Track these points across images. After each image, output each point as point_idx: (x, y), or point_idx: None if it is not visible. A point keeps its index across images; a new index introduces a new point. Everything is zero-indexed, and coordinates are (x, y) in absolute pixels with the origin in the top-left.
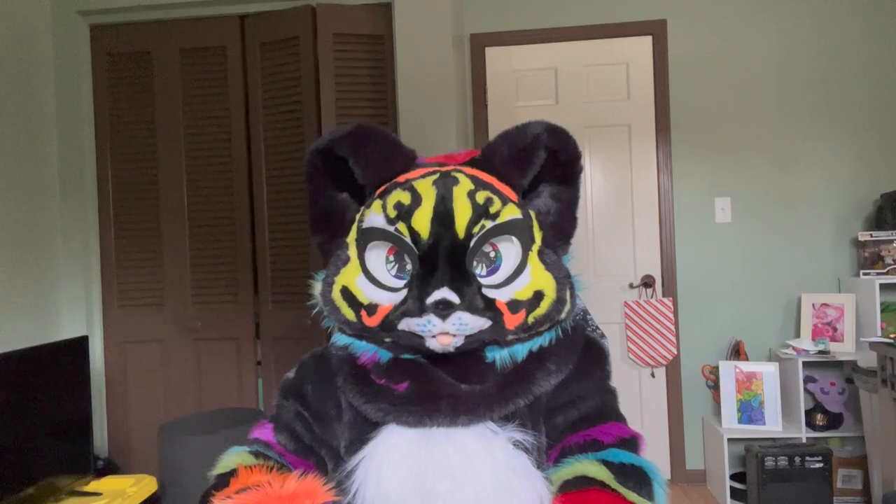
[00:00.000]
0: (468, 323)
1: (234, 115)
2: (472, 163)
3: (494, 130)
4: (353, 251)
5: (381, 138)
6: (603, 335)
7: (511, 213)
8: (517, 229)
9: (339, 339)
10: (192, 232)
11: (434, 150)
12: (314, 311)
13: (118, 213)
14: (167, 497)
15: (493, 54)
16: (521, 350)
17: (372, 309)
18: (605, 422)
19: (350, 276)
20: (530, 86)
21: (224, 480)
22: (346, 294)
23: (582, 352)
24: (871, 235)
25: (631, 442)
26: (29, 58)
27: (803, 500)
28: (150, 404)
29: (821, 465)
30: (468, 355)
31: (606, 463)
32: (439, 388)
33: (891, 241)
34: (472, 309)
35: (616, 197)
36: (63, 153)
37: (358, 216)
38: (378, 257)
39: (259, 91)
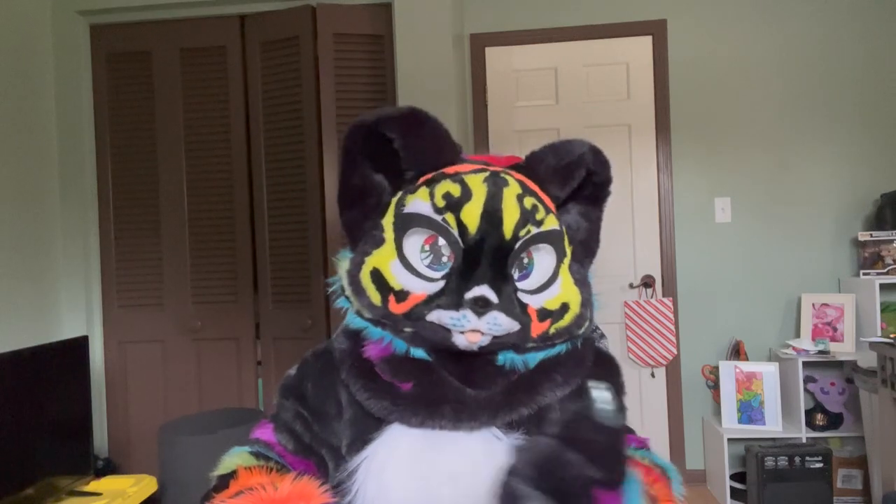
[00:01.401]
0: (502, 324)
1: (234, 115)
2: (516, 168)
3: (494, 130)
4: (389, 234)
5: (434, 126)
6: (603, 335)
7: (552, 223)
8: (555, 240)
9: (354, 321)
10: (192, 232)
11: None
12: (331, 289)
13: (118, 213)
14: (167, 497)
15: (493, 54)
16: (534, 359)
17: (402, 296)
18: (627, 433)
19: (384, 259)
20: (530, 86)
21: (224, 482)
22: (377, 276)
23: (595, 363)
24: (871, 235)
25: (647, 447)
26: (29, 58)
27: (803, 500)
28: (150, 404)
29: (821, 465)
30: (476, 358)
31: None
32: (445, 392)
33: (891, 241)
34: (509, 311)
35: (616, 197)
36: (63, 153)
37: (395, 200)
38: (415, 245)
39: (259, 91)
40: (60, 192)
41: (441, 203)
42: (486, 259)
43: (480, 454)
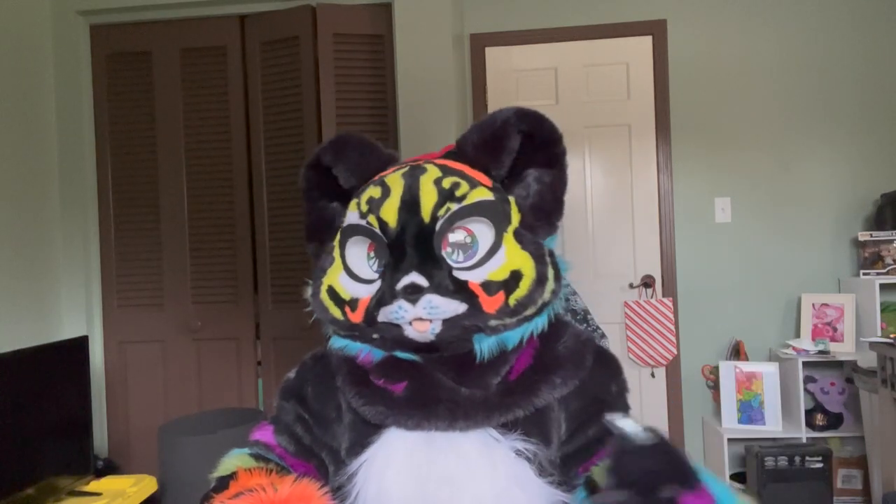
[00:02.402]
0: (439, 306)
1: (234, 115)
2: (447, 155)
3: None
4: (336, 251)
5: (357, 142)
6: (604, 335)
7: (480, 195)
8: (487, 210)
9: (336, 342)
10: (192, 232)
11: (434, 150)
12: (311, 320)
13: (118, 213)
14: (167, 497)
15: (493, 54)
16: (512, 338)
17: (354, 304)
18: None
19: (334, 275)
20: (530, 86)
21: (224, 483)
22: (332, 293)
23: (596, 364)
24: (871, 235)
25: None
26: (29, 58)
27: (803, 500)
28: (150, 404)
29: (821, 465)
30: (463, 356)
31: None
32: (438, 392)
33: (891, 241)
34: (442, 291)
35: (616, 197)
36: (63, 153)
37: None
38: (359, 253)
39: (259, 91)
40: (60, 192)
41: (364, 208)
42: (410, 247)
43: (479, 456)
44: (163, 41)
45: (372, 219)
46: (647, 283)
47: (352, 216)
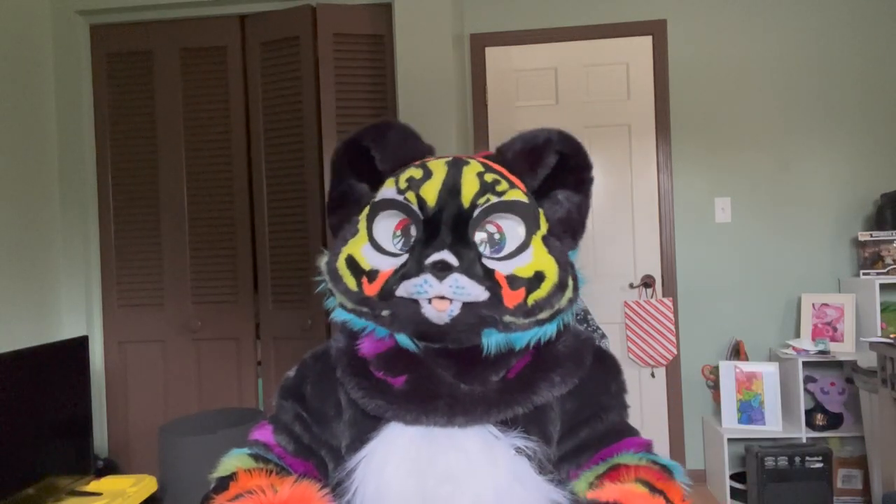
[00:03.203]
0: (465, 286)
1: (234, 115)
2: (485, 157)
3: (494, 130)
4: (363, 224)
5: (401, 128)
6: (604, 335)
7: (517, 195)
8: (522, 210)
9: (338, 314)
10: (192, 232)
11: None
12: (318, 289)
13: (118, 213)
14: (167, 497)
15: (493, 54)
16: (521, 339)
17: (373, 275)
18: (629, 436)
19: (357, 246)
20: (530, 86)
21: (224, 484)
22: (351, 262)
23: (595, 363)
24: (871, 235)
25: (651, 448)
26: (29, 57)
27: (803, 500)
28: (150, 404)
29: (821, 465)
30: (466, 352)
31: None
32: (438, 387)
33: (891, 241)
34: (471, 273)
35: (616, 197)
36: (63, 153)
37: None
38: (386, 228)
39: (259, 91)
40: (60, 192)
41: (404, 185)
42: (445, 227)
43: (479, 453)
44: (163, 41)
45: (411, 195)
46: (647, 283)
47: (387, 191)
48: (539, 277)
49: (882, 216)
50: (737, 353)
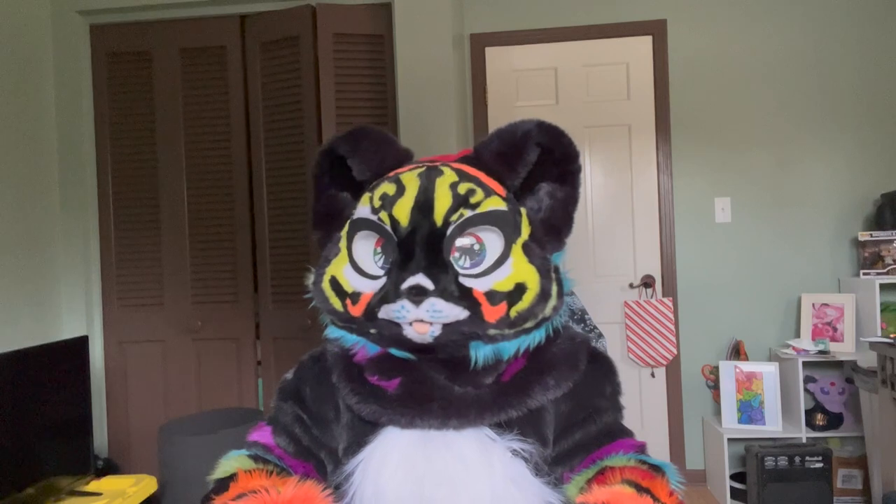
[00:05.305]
0: (442, 310)
1: (234, 115)
2: (463, 159)
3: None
4: (343, 243)
5: (375, 135)
6: (601, 335)
7: (493, 204)
8: (499, 220)
9: (332, 331)
10: (192, 232)
11: (434, 150)
12: (310, 306)
13: (118, 213)
14: (167, 497)
15: (493, 54)
16: (508, 349)
17: (355, 297)
18: (622, 437)
19: (339, 267)
20: (530, 86)
21: (224, 485)
22: (334, 284)
23: (590, 365)
24: (871, 235)
25: (644, 450)
26: (29, 58)
27: (803, 500)
28: (150, 404)
29: (821, 465)
30: (457, 356)
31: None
32: (431, 390)
33: (891, 241)
34: (447, 296)
35: (616, 197)
36: (63, 153)
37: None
38: (366, 248)
39: (259, 91)
40: (60, 192)
41: (377, 204)
42: (419, 248)
43: (476, 456)
44: (163, 41)
45: (384, 216)
46: (647, 282)
47: (363, 210)
48: (520, 289)
49: (882, 216)
50: (737, 353)
